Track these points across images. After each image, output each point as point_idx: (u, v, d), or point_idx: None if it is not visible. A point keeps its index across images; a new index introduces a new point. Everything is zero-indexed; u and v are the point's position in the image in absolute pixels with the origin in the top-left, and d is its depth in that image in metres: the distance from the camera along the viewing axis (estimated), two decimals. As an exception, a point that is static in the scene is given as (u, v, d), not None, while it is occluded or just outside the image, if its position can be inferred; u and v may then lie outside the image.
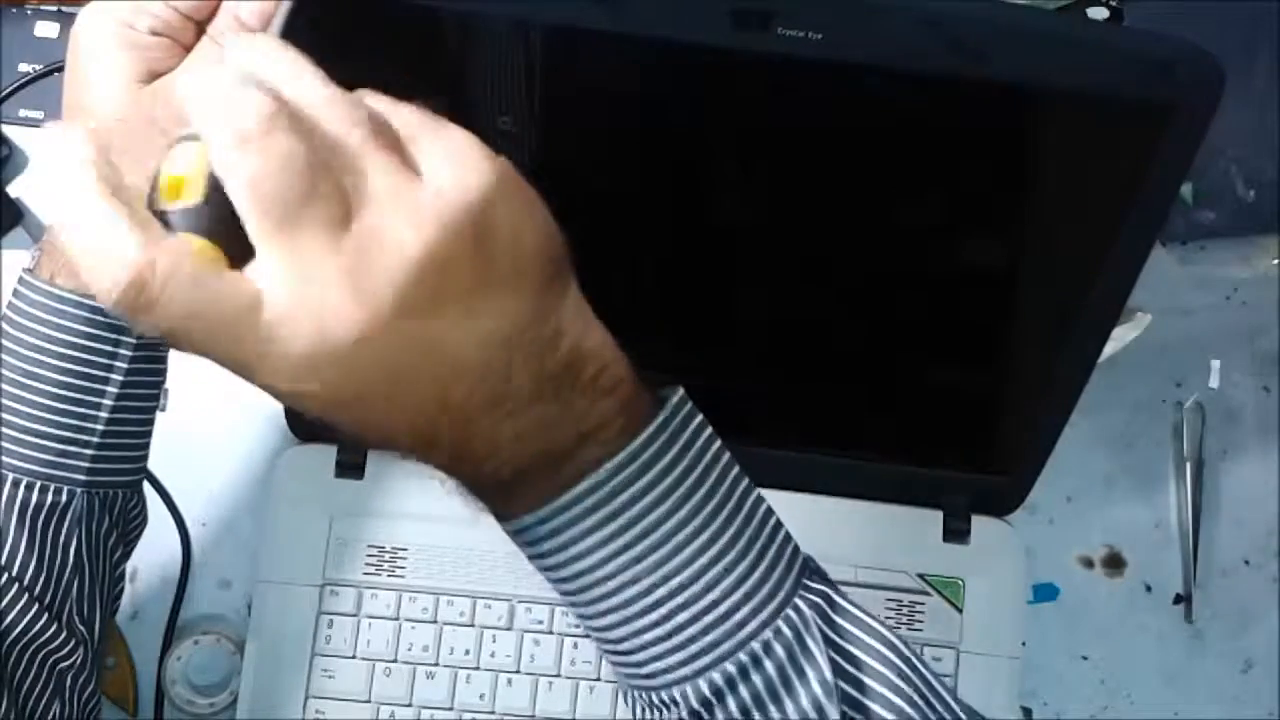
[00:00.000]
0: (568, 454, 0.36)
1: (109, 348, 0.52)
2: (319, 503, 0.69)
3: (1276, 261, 0.79)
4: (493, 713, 0.68)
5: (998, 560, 0.71)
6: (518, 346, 0.34)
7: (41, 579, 0.52)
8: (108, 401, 0.52)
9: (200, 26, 0.50)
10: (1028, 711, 0.70)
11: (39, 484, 0.51)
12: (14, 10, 0.75)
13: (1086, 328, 0.62)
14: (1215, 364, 0.78)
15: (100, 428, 0.52)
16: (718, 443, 0.38)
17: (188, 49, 0.50)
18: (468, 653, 0.68)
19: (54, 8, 0.75)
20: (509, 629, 0.68)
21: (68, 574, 0.53)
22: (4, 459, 0.51)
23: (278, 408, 0.69)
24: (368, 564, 0.68)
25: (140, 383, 0.54)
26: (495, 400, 0.34)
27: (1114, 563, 0.76)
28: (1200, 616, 0.75)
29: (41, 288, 0.51)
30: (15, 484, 0.51)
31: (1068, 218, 0.60)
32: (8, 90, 0.74)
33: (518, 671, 0.68)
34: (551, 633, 0.68)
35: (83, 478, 0.52)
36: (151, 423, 0.55)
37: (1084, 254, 0.59)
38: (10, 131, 0.74)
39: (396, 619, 0.68)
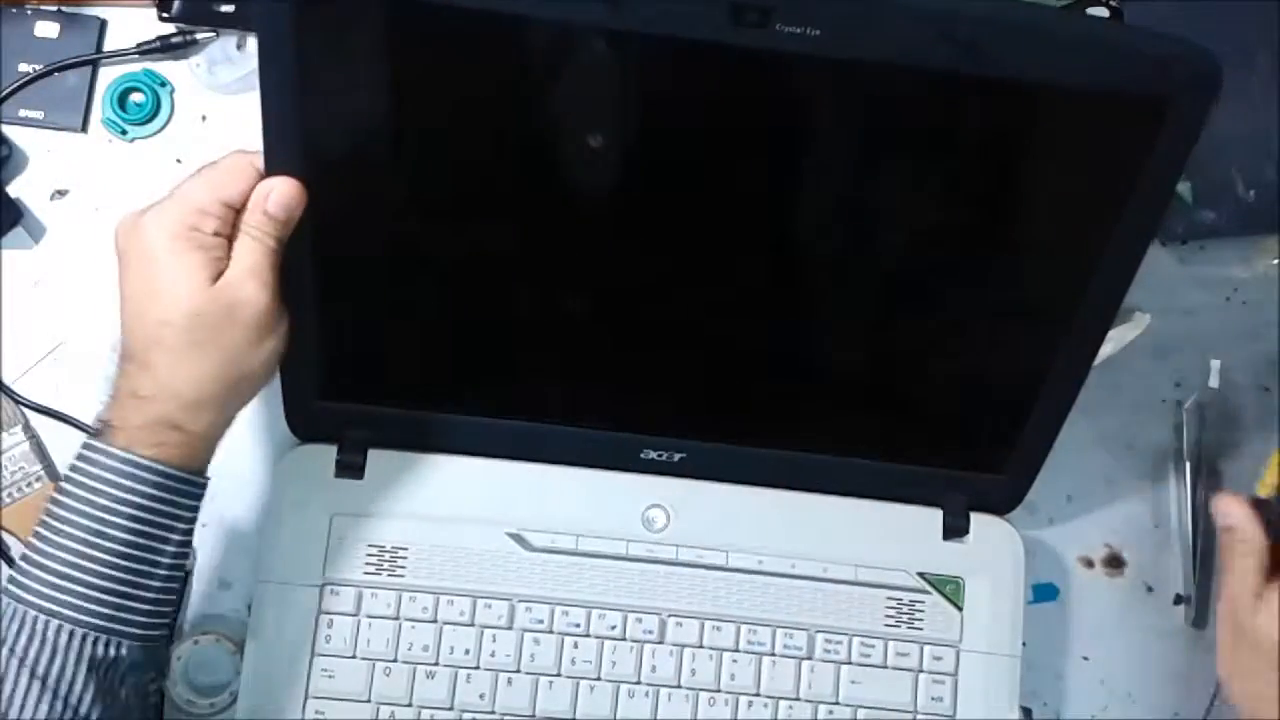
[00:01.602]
0: None
1: (172, 509, 0.56)
2: (319, 503, 0.69)
3: (1276, 261, 0.79)
4: (493, 713, 0.68)
5: (997, 559, 0.71)
6: None
7: None
8: (166, 559, 0.56)
9: (237, 215, 0.56)
10: (1028, 711, 0.70)
11: (100, 638, 0.54)
12: (14, 10, 0.75)
13: (1085, 324, 0.62)
14: (1215, 364, 0.78)
15: (157, 584, 0.56)
16: None
17: (230, 240, 0.56)
18: (468, 653, 0.68)
19: (54, 8, 0.75)
20: (509, 629, 0.68)
21: (118, 716, 0.56)
22: (71, 614, 0.54)
23: (278, 408, 0.69)
24: (368, 564, 0.68)
25: (190, 539, 0.58)
26: None
27: (1114, 563, 0.76)
28: (1200, 616, 0.75)
29: (118, 454, 0.54)
30: (84, 638, 0.54)
31: (1065, 214, 0.60)
32: (8, 90, 0.74)
33: (518, 671, 0.68)
34: (551, 633, 0.68)
35: (138, 631, 0.55)
36: (186, 578, 0.59)
37: (1081, 250, 0.59)
38: (10, 131, 0.74)
39: (396, 619, 0.68)
